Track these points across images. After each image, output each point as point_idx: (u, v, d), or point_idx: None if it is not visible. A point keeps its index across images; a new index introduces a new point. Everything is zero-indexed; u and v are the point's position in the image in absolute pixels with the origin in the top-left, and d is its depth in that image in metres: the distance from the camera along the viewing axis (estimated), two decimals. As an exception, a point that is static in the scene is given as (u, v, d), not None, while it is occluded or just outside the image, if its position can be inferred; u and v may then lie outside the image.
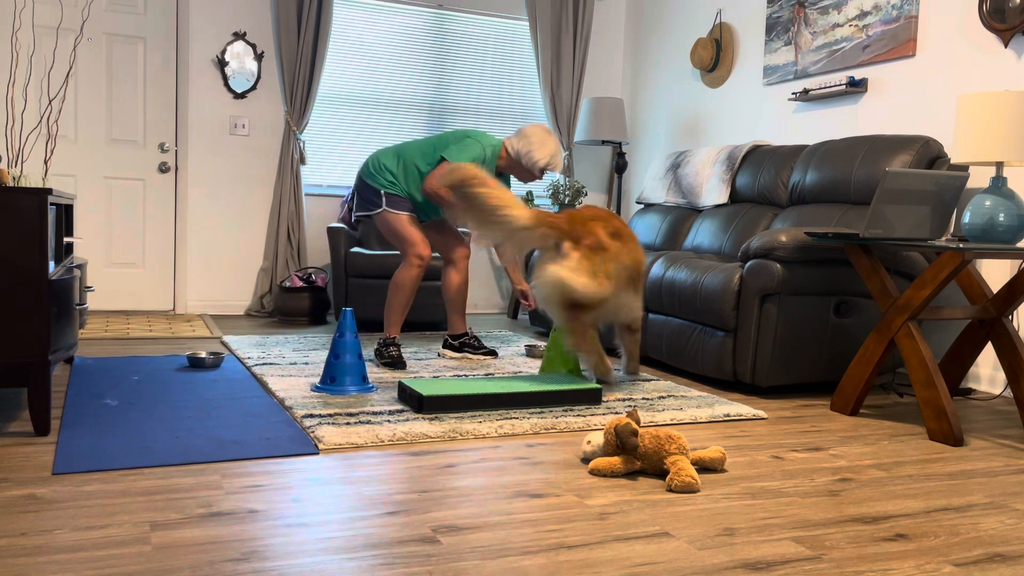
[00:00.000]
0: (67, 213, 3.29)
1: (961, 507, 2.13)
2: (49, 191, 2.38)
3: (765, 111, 5.05)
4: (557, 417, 2.86)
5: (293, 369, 3.55)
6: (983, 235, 3.06)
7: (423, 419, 2.78)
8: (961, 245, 2.80)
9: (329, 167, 5.72)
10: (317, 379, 3.35)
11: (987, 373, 3.72)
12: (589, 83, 6.36)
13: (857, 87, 4.32)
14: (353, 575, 1.59)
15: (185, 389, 3.13)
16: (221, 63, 5.36)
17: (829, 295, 3.46)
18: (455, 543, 1.77)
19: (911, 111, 4.11)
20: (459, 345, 3.94)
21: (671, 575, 1.65)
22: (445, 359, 3.94)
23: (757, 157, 4.61)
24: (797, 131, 4.81)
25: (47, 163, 3.87)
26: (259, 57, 5.42)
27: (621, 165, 5.95)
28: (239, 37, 5.39)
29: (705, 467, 2.37)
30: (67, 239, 3.24)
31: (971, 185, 3.81)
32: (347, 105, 5.71)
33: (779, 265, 3.33)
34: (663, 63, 6.00)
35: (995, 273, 3.68)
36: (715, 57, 5.41)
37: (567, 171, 6.13)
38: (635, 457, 2.30)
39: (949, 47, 3.92)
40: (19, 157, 4.73)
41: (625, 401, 3.18)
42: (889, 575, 1.69)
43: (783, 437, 2.79)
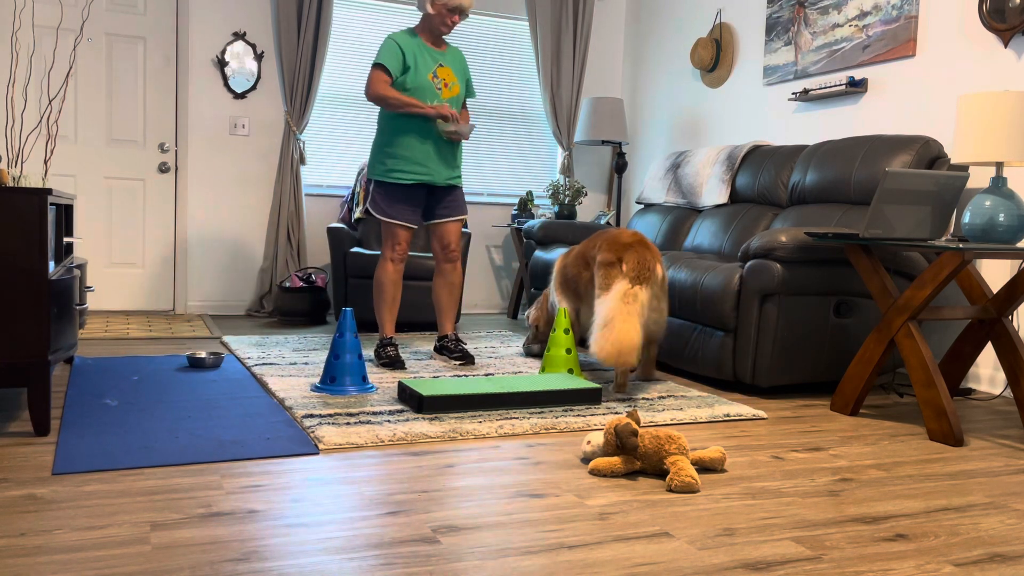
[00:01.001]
0: (67, 213, 3.29)
1: (961, 507, 2.13)
2: (49, 191, 2.38)
3: (765, 111, 5.05)
4: (557, 417, 2.86)
5: (293, 369, 3.55)
6: (983, 235, 3.06)
7: (423, 419, 2.78)
8: (961, 245, 2.80)
9: (329, 167, 5.72)
10: (317, 379, 3.35)
11: (987, 373, 3.72)
12: (589, 83, 6.36)
13: (857, 87, 4.32)
14: (353, 575, 1.59)
15: (185, 389, 3.13)
16: (221, 63, 5.36)
17: (829, 295, 3.45)
18: (455, 543, 1.77)
19: (911, 111, 4.11)
20: (439, 347, 3.94)
21: (671, 575, 1.65)
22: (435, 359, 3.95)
23: (757, 157, 4.61)
24: (797, 131, 4.81)
25: (47, 163, 3.87)
26: (259, 57, 5.42)
27: (621, 165, 5.95)
28: (239, 37, 5.39)
29: (705, 467, 2.37)
30: (67, 239, 3.24)
31: (971, 185, 3.81)
32: (347, 105, 5.71)
33: (779, 265, 3.33)
34: (663, 63, 6.00)
35: (995, 273, 3.68)
36: (715, 57, 5.41)
37: (567, 171, 6.13)
38: (635, 457, 2.30)
39: (949, 47, 3.92)
40: (19, 157, 4.73)
41: (625, 401, 3.18)
42: (889, 575, 1.69)
43: (783, 437, 2.79)
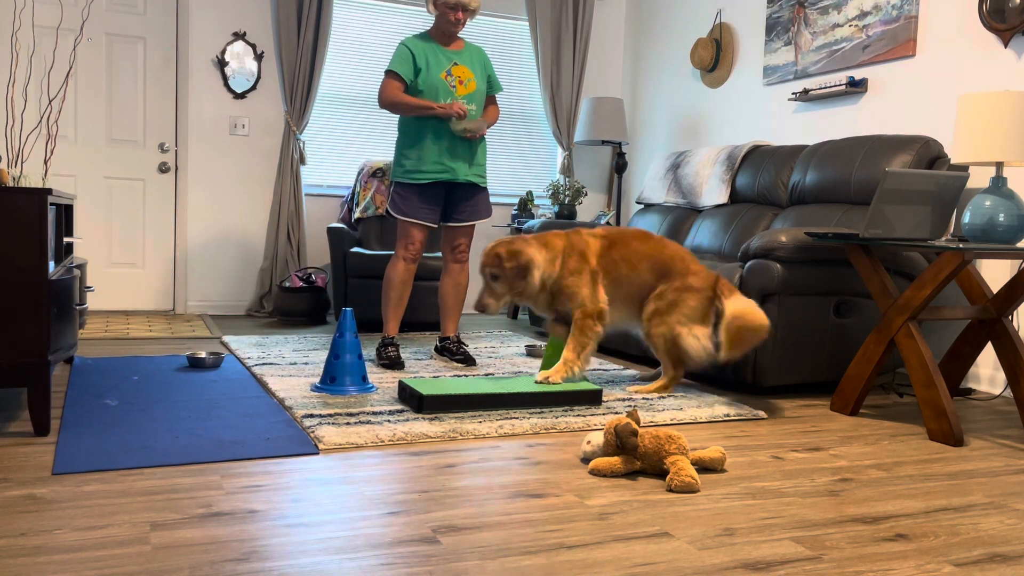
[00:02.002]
0: (67, 213, 3.29)
1: (961, 507, 2.13)
2: (49, 191, 2.38)
3: (765, 111, 5.05)
4: (557, 417, 2.86)
5: (293, 369, 3.55)
6: (983, 235, 3.05)
7: (423, 419, 2.78)
8: (961, 245, 2.80)
9: (329, 167, 5.72)
10: (317, 379, 3.35)
11: (987, 373, 3.72)
12: (589, 83, 6.36)
13: (857, 87, 4.32)
14: (353, 575, 1.59)
15: (185, 389, 3.13)
16: (221, 63, 5.36)
17: (829, 295, 3.45)
18: (455, 543, 1.77)
19: (911, 111, 4.11)
20: (441, 348, 3.94)
21: (671, 575, 1.65)
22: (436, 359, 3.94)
23: (757, 157, 4.61)
24: (797, 131, 4.81)
25: (47, 163, 3.87)
26: (259, 57, 5.42)
27: (621, 165, 5.95)
28: (239, 37, 5.39)
29: (705, 467, 2.37)
30: (67, 239, 3.24)
31: (971, 185, 3.81)
32: (347, 105, 5.71)
33: (779, 265, 3.33)
34: (663, 63, 6.00)
35: (995, 273, 3.68)
36: (715, 57, 5.41)
37: (567, 171, 6.13)
38: (635, 457, 2.30)
39: (949, 47, 3.92)
40: (19, 157, 4.73)
41: (625, 401, 3.18)
42: (889, 575, 1.69)
43: (783, 437, 2.79)
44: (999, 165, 3.07)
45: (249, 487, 2.08)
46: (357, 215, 5.35)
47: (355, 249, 5.00)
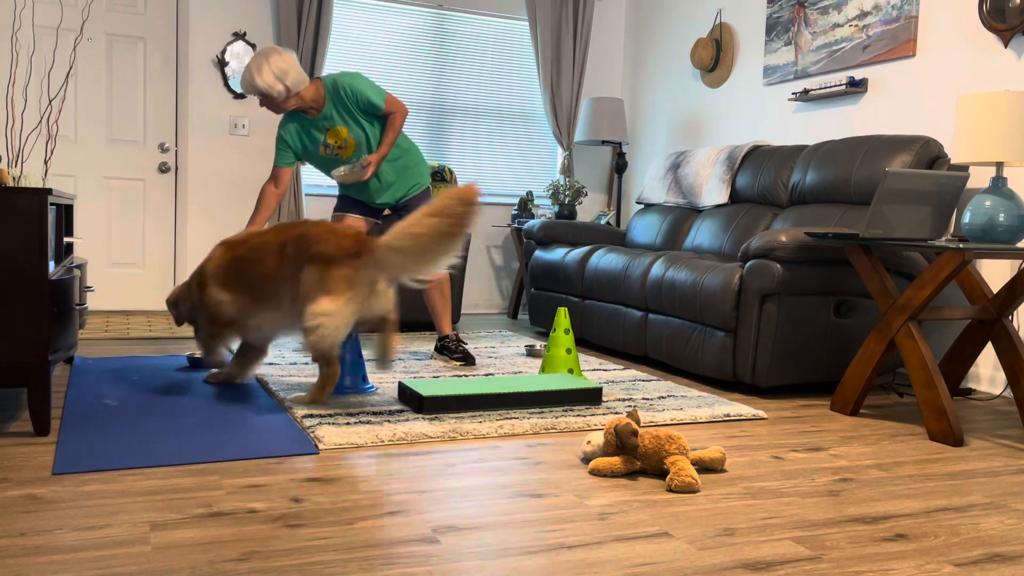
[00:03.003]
0: (67, 213, 3.29)
1: (961, 507, 2.13)
2: (49, 191, 2.38)
3: (765, 111, 5.05)
4: (557, 417, 2.86)
5: (293, 369, 3.55)
6: (983, 235, 3.06)
7: (423, 419, 2.78)
8: (961, 245, 2.80)
9: (329, 167, 5.72)
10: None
11: (987, 373, 3.72)
12: (589, 83, 6.36)
13: (857, 87, 4.32)
14: (353, 575, 1.59)
15: (185, 389, 3.13)
16: (221, 63, 5.36)
17: (829, 295, 3.45)
18: (455, 543, 1.77)
19: (911, 111, 4.11)
20: (440, 347, 3.94)
21: (671, 575, 1.65)
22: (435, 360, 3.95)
23: (757, 157, 4.61)
24: (797, 131, 4.81)
25: (47, 163, 3.87)
26: (259, 57, 5.42)
27: (621, 165, 5.95)
28: (239, 37, 5.39)
29: (705, 467, 2.37)
30: (67, 239, 3.24)
31: (971, 185, 3.81)
32: (347, 105, 5.71)
33: (779, 265, 3.33)
34: (663, 63, 6.00)
35: (995, 273, 3.68)
36: (715, 57, 5.41)
37: (567, 171, 6.13)
38: (635, 457, 2.30)
39: (949, 47, 3.92)
40: (19, 157, 4.73)
41: (625, 401, 3.18)
42: (889, 575, 1.69)
43: (783, 437, 2.79)
44: (999, 165, 3.07)
45: (249, 487, 2.08)
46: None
47: (355, 249, 4.99)
